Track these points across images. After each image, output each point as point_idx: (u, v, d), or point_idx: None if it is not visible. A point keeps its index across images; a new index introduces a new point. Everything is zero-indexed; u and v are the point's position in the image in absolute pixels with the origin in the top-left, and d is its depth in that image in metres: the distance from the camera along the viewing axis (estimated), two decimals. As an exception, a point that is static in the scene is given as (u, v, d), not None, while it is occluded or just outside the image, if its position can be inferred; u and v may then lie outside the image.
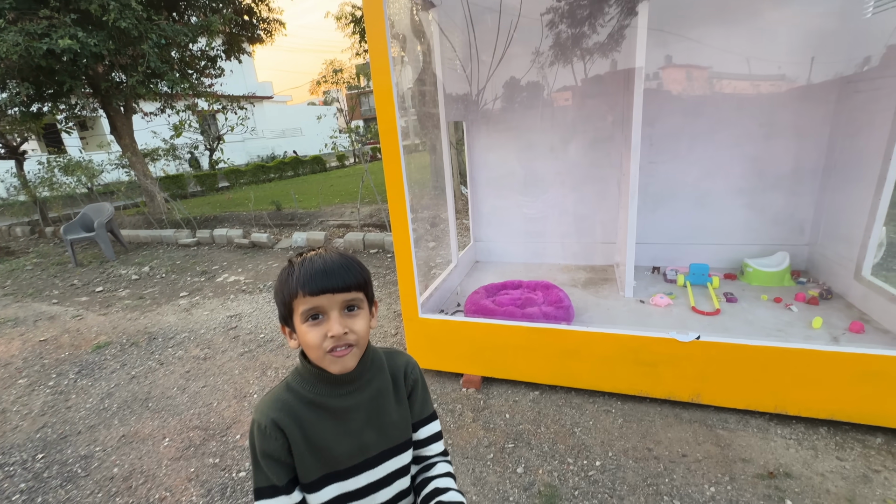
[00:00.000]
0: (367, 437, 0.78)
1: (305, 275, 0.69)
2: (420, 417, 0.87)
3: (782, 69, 2.74)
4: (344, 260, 0.72)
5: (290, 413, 0.73)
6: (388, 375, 0.82)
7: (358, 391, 0.77)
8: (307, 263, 0.70)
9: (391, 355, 0.86)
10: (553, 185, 3.46)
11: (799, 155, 2.82)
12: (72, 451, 2.18)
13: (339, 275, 0.70)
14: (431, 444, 0.88)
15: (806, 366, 1.82)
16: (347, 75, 15.76)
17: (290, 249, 5.72)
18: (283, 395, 0.75)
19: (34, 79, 6.40)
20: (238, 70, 12.31)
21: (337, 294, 0.69)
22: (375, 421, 0.78)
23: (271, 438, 0.71)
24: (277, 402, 0.74)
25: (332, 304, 0.70)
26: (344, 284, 0.70)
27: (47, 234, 8.12)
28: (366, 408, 0.78)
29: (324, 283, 0.68)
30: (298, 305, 0.70)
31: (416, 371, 0.87)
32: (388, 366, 0.83)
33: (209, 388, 2.64)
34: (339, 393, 0.76)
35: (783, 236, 2.97)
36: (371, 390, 0.79)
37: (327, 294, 0.69)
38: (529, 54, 3.20)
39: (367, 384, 0.78)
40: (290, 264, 0.73)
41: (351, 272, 0.71)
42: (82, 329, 3.71)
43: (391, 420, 0.81)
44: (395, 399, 0.82)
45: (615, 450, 1.87)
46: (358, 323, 0.72)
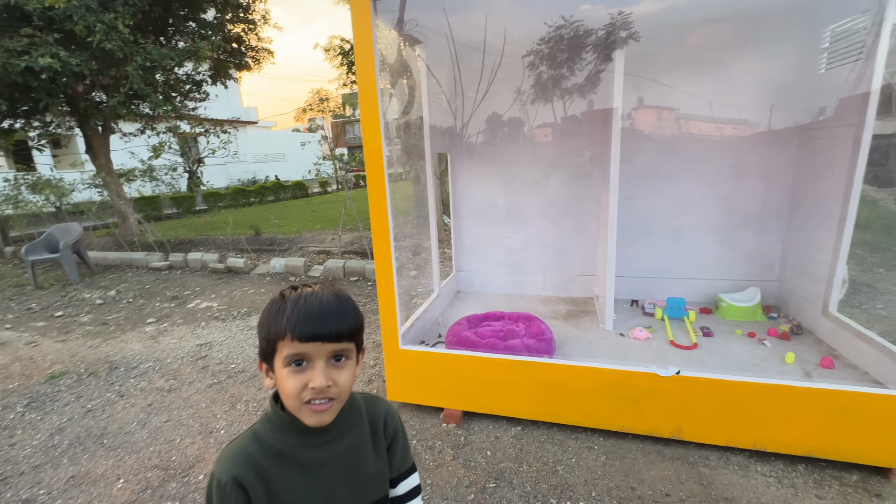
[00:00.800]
0: (340, 494, 0.71)
1: (298, 317, 0.63)
2: (400, 471, 0.81)
3: (748, 115, 2.92)
4: (340, 304, 0.66)
5: (254, 468, 0.66)
6: (367, 424, 0.76)
7: (333, 442, 0.71)
8: (301, 303, 0.64)
9: (370, 401, 0.80)
10: (534, 217, 3.52)
11: (766, 195, 2.97)
12: (12, 494, 1.98)
13: (334, 321, 0.64)
14: (411, 499, 0.82)
15: (781, 401, 1.84)
16: (333, 104, 16.02)
17: (266, 275, 5.58)
18: (249, 447, 0.68)
19: (8, 94, 6.24)
20: (223, 95, 12.36)
21: (327, 343, 0.64)
22: (350, 476, 0.72)
23: (231, 498, 0.64)
24: (241, 454, 0.67)
25: (319, 353, 0.64)
26: (336, 332, 0.64)
27: (6, 253, 7.71)
28: (341, 461, 0.71)
29: (316, 328, 0.63)
30: (283, 348, 0.64)
31: (396, 420, 0.81)
32: (367, 413, 0.77)
33: (172, 423, 2.47)
34: (312, 444, 0.69)
35: (754, 272, 3.08)
36: (348, 441, 0.72)
37: (317, 342, 0.63)
38: (512, 92, 3.33)
39: (344, 435, 0.72)
40: (283, 298, 0.67)
41: (346, 319, 0.66)
42: (36, 357, 3.47)
43: (368, 475, 0.74)
44: (374, 451, 0.76)
45: (598, 489, 1.83)
46: (343, 375, 0.66)
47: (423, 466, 2.02)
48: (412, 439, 2.21)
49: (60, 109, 6.94)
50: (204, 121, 10.03)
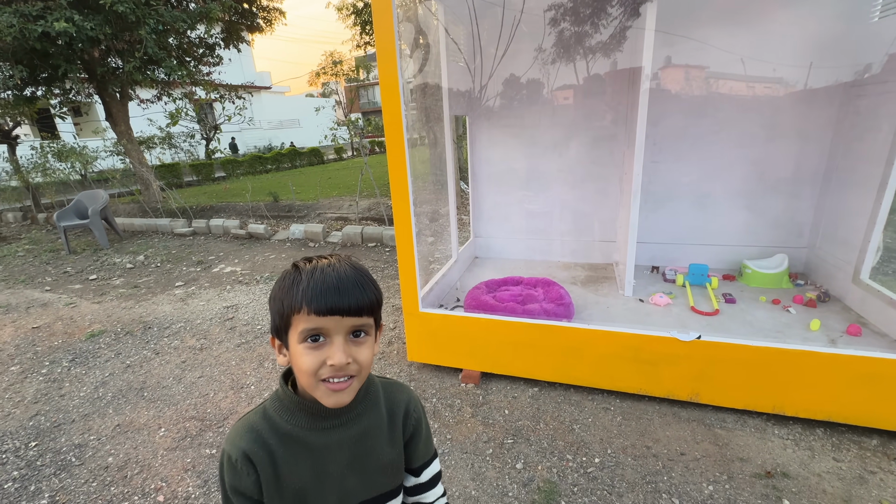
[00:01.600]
0: (349, 482, 0.68)
1: (314, 289, 0.59)
2: (423, 460, 0.77)
3: (787, 72, 2.74)
4: (359, 276, 0.62)
5: (263, 445, 0.64)
6: (384, 412, 0.72)
7: (343, 427, 0.67)
8: (318, 274, 0.60)
9: (390, 388, 0.75)
10: (554, 182, 3.45)
11: (800, 158, 2.83)
12: (65, 439, 2.16)
13: (353, 295, 0.60)
14: (433, 487, 0.79)
15: (804, 367, 1.83)
16: (347, 67, 15.65)
17: (286, 241, 5.69)
18: (258, 424, 0.66)
19: (28, 62, 6.29)
20: (236, 59, 12.18)
21: (346, 318, 0.60)
22: (360, 464, 0.68)
23: (242, 474, 0.63)
24: (251, 431, 0.65)
25: (338, 328, 0.60)
26: (356, 306, 0.60)
27: (40, 220, 8.01)
28: (350, 447, 0.67)
29: (335, 302, 0.58)
30: (298, 322, 0.60)
31: (419, 410, 0.76)
32: (385, 399, 0.73)
33: (205, 379, 2.62)
34: (321, 427, 0.66)
35: (782, 239, 2.99)
36: (359, 428, 0.68)
37: (336, 316, 0.59)
38: (532, 51, 3.18)
39: (356, 420, 0.68)
40: (297, 270, 0.62)
41: (366, 292, 0.61)
42: (76, 317, 3.67)
43: (378, 464, 0.70)
44: (389, 440, 0.71)
45: (614, 447, 1.88)
46: (363, 352, 0.62)
47: (442, 423, 2.10)
48: (432, 398, 2.30)
49: (79, 76, 6.98)
50: (219, 86, 9.96)
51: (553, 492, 1.68)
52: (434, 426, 2.08)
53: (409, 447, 0.75)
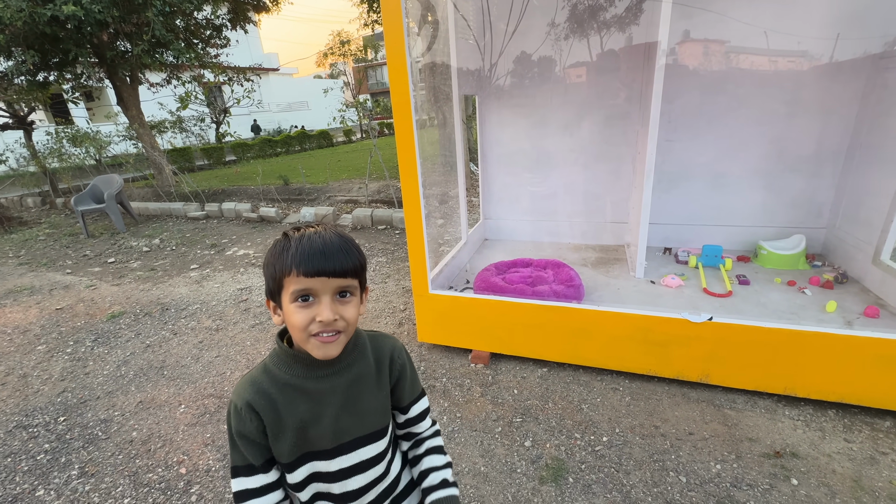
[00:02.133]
0: (343, 422, 0.75)
1: (302, 253, 0.65)
2: (411, 398, 0.86)
3: (811, 44, 2.62)
4: (343, 242, 0.69)
5: (264, 395, 0.72)
6: (371, 360, 0.79)
7: (336, 375, 0.75)
8: (305, 241, 0.67)
9: (376, 339, 0.83)
10: (565, 162, 3.40)
11: (822, 135, 2.73)
12: (92, 414, 2.25)
13: (338, 258, 0.67)
14: (421, 420, 0.87)
15: (818, 349, 1.81)
16: (355, 47, 15.41)
17: (298, 224, 5.73)
18: (259, 377, 0.74)
19: (39, 46, 6.32)
20: (244, 41, 12.08)
21: (332, 279, 0.66)
22: (352, 407, 0.76)
23: (246, 420, 0.71)
24: (253, 384, 0.73)
25: (325, 288, 0.66)
26: (341, 269, 0.67)
27: (58, 204, 8.18)
28: (342, 392, 0.75)
29: (320, 265, 0.65)
30: (289, 284, 0.67)
31: (402, 356, 0.84)
32: (372, 349, 0.81)
33: (222, 358, 2.69)
34: (316, 375, 0.74)
35: (800, 219, 2.91)
36: (350, 375, 0.76)
37: (322, 277, 0.66)
38: (544, 27, 3.09)
39: (346, 369, 0.76)
40: (286, 238, 0.69)
41: (349, 256, 0.68)
42: (96, 299, 3.78)
43: (369, 407, 0.78)
44: (376, 385, 0.80)
45: (622, 426, 1.90)
46: (349, 310, 0.69)
47: (452, 402, 2.14)
48: (443, 377, 2.33)
49: (89, 60, 7.00)
50: (227, 68, 9.91)
51: (561, 469, 1.71)
52: (444, 405, 2.13)
53: (397, 388, 0.84)
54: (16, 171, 9.36)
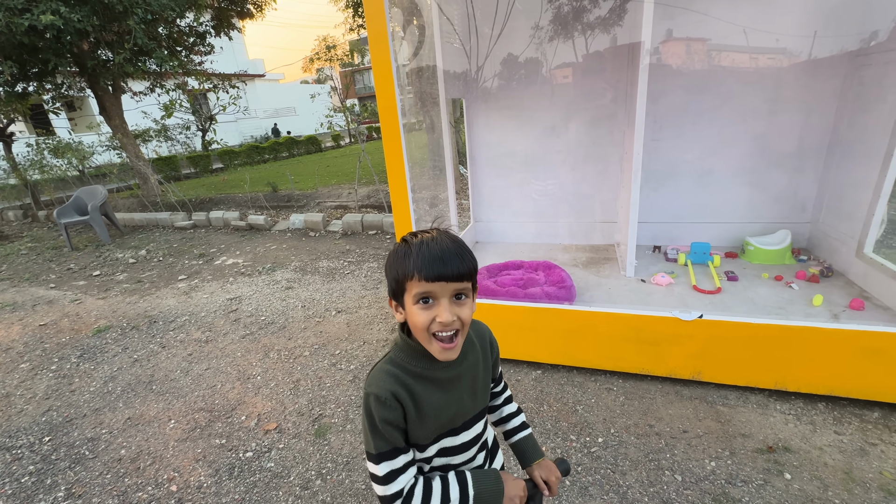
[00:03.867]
0: (467, 403, 0.85)
1: (423, 259, 0.71)
2: (499, 370, 0.97)
3: (790, 42, 2.67)
4: (458, 248, 0.74)
5: (404, 386, 0.78)
6: (478, 347, 0.88)
7: (458, 364, 0.83)
8: (425, 248, 0.72)
9: (475, 327, 0.91)
10: (554, 164, 3.41)
11: (804, 131, 2.78)
12: (78, 433, 2.20)
13: (455, 264, 0.72)
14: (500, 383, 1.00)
15: (806, 343, 1.83)
16: (341, 52, 15.36)
17: (287, 231, 5.68)
18: (394, 371, 0.80)
19: (17, 57, 6.19)
20: (228, 47, 11.96)
21: (450, 283, 0.72)
22: (473, 387, 0.86)
23: (392, 409, 0.76)
24: (391, 375, 0.79)
25: (443, 292, 0.72)
26: (458, 273, 0.72)
27: (40, 217, 8.01)
28: (467, 377, 0.84)
29: (440, 270, 0.70)
30: (412, 287, 0.73)
31: (494, 340, 0.95)
32: (476, 336, 0.89)
33: (212, 371, 2.65)
34: (442, 366, 0.81)
35: (785, 214, 2.96)
36: (468, 361, 0.85)
37: (441, 282, 0.71)
38: (529, 29, 3.11)
39: (464, 356, 0.84)
40: (406, 244, 0.75)
41: (465, 262, 0.73)
42: (82, 313, 3.70)
43: (483, 385, 0.89)
44: (484, 367, 0.89)
45: (617, 426, 1.90)
46: (465, 311, 0.75)
47: (447, 407, 2.13)
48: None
49: (69, 70, 6.88)
50: (211, 75, 9.81)
51: (557, 472, 1.70)
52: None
53: (495, 366, 0.95)
54: (-5, 184, 9.15)
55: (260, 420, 2.17)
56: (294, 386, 2.43)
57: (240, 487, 1.78)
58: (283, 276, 4.16)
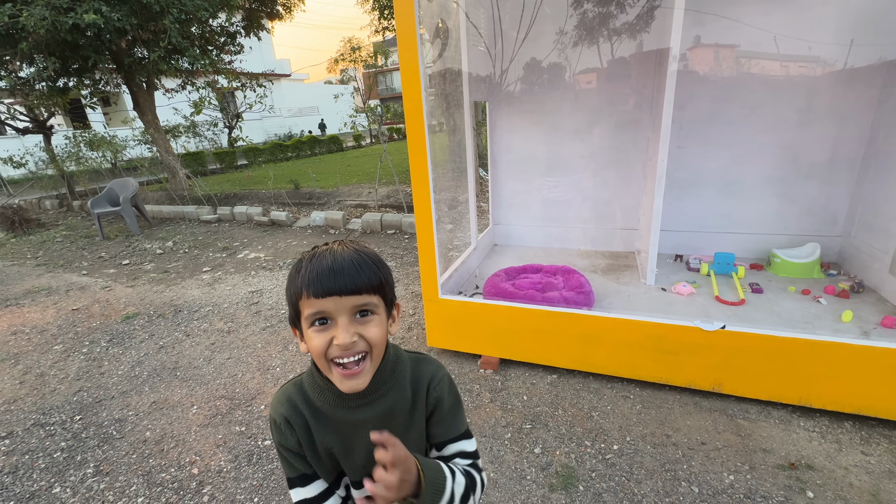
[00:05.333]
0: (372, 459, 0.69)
1: (311, 274, 0.62)
2: (445, 437, 0.76)
3: (825, 50, 2.60)
4: (357, 257, 0.64)
5: (298, 414, 0.71)
6: (408, 390, 0.73)
7: (368, 406, 0.70)
8: (315, 261, 0.63)
9: (417, 364, 0.76)
10: (576, 169, 3.40)
11: (837, 142, 2.70)
12: (106, 414, 2.29)
13: (349, 275, 0.62)
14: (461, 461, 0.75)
15: (834, 359, 1.78)
16: (365, 53, 15.58)
17: (308, 228, 5.79)
18: (294, 395, 0.72)
19: (60, 53, 6.49)
20: (256, 47, 12.28)
21: (345, 297, 0.61)
22: None
23: (285, 434, 0.71)
24: (289, 400, 0.72)
25: (339, 309, 0.62)
26: (353, 286, 0.62)
27: (75, 207, 8.36)
28: (375, 425, 0.68)
29: (330, 284, 0.61)
30: (304, 307, 0.63)
31: (441, 387, 0.75)
32: (412, 377, 0.74)
33: (234, 360, 2.72)
34: (347, 405, 0.70)
35: (815, 227, 2.88)
36: (383, 406, 0.71)
37: (333, 297, 0.61)
38: (554, 34, 3.11)
39: (380, 399, 0.70)
40: (301, 259, 0.66)
41: (363, 272, 0.63)
42: (111, 300, 3.85)
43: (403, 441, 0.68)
44: (410, 419, 0.73)
45: (633, 435, 1.89)
46: (370, 329, 0.64)
47: (462, 407, 2.14)
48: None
49: (107, 67, 7.17)
50: (240, 74, 10.08)
51: (571, 476, 1.70)
52: (453, 410, 2.12)
53: (430, 422, 0.76)
54: (35, 174, 9.59)
55: (278, 410, 2.23)
56: (312, 379, 2.48)
57: (258, 474, 1.83)
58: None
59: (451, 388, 0.78)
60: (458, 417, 0.78)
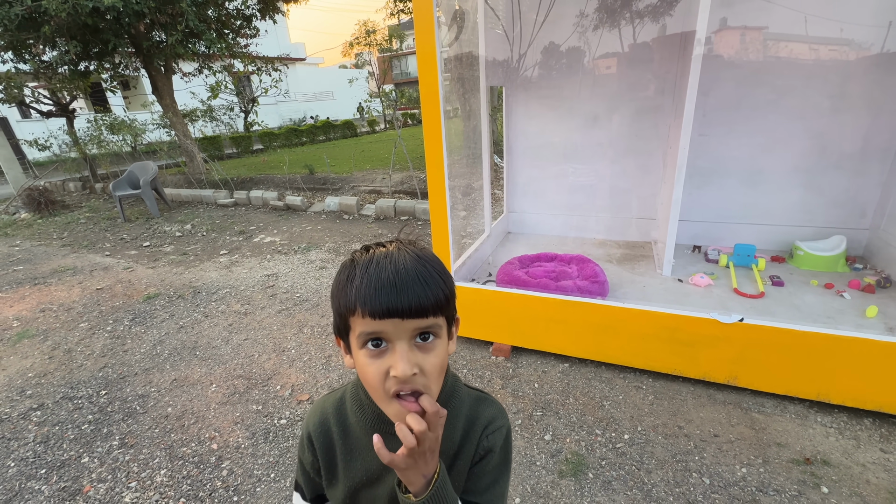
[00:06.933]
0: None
1: (368, 288, 0.50)
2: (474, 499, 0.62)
3: (860, 33, 2.47)
4: (422, 268, 0.52)
5: (325, 433, 0.64)
6: (458, 434, 0.62)
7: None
8: (373, 269, 0.51)
9: (477, 403, 0.65)
10: (593, 156, 3.33)
11: (870, 131, 2.59)
12: (130, 390, 2.38)
13: (414, 293, 0.50)
14: None
15: (856, 355, 1.74)
16: (380, 37, 15.41)
17: (322, 213, 5.83)
18: (329, 410, 0.65)
19: (81, 37, 6.58)
20: (272, 30, 12.23)
21: (407, 320, 0.50)
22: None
23: (306, 449, 0.66)
24: (321, 414, 0.65)
25: (399, 332, 0.51)
26: (419, 307, 0.50)
27: (97, 189, 8.56)
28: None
29: (391, 303, 0.50)
30: (356, 325, 0.52)
31: (497, 437, 0.63)
32: (466, 417, 0.63)
33: (250, 341, 2.79)
34: (386, 430, 0.57)
35: (841, 219, 2.78)
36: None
37: (394, 319, 0.50)
38: (574, 16, 3.02)
39: None
40: (352, 262, 0.54)
41: (429, 289, 0.51)
42: (133, 280, 3.96)
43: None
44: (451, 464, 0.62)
45: (644, 425, 1.88)
46: (430, 359, 0.53)
47: (473, 393, 2.16)
48: (463, 368, 2.36)
49: (127, 50, 7.25)
50: (256, 58, 10.09)
51: (581, 464, 1.71)
52: (464, 395, 2.15)
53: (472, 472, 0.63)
54: (59, 156, 9.83)
55: (294, 390, 2.28)
56: (326, 361, 2.52)
57: (274, 451, 1.89)
58: (317, 255, 4.29)
59: (507, 443, 0.65)
60: (500, 484, 0.64)
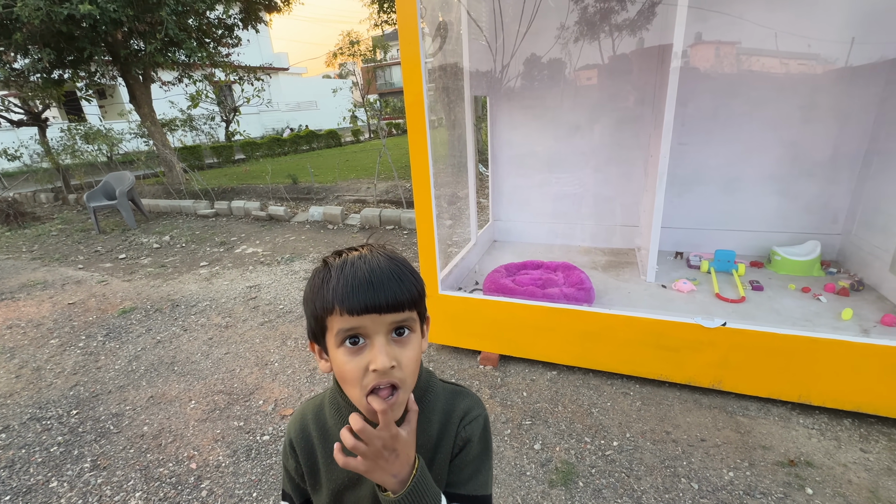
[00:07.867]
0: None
1: (345, 286, 0.53)
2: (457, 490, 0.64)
3: (827, 48, 2.59)
4: (395, 267, 0.56)
5: (306, 439, 0.65)
6: (435, 425, 0.64)
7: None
8: (348, 269, 0.54)
9: (452, 397, 0.67)
10: (576, 165, 3.38)
11: (839, 140, 2.70)
12: (104, 408, 2.27)
13: (390, 288, 0.54)
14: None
15: (833, 357, 1.78)
16: (364, 47, 15.48)
17: (306, 223, 5.76)
18: (309, 415, 0.67)
19: (55, 45, 6.41)
20: (254, 40, 12.19)
21: (385, 315, 0.53)
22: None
23: (289, 455, 0.67)
24: (301, 421, 0.66)
25: (377, 327, 0.54)
26: (395, 302, 0.54)
27: (70, 200, 8.29)
28: None
29: (369, 298, 0.52)
30: (333, 324, 0.54)
31: (474, 427, 0.65)
32: (442, 410, 0.65)
33: (231, 355, 2.71)
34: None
35: (815, 225, 2.88)
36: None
37: (372, 314, 0.53)
38: (556, 28, 3.08)
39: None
40: (326, 266, 0.57)
41: (404, 283, 0.55)
42: (108, 294, 3.82)
43: None
44: (431, 458, 0.64)
45: (633, 431, 1.89)
46: (407, 353, 0.56)
47: (461, 403, 2.14)
48: (451, 378, 2.33)
49: (103, 59, 7.09)
50: (237, 67, 10.00)
51: (571, 472, 1.70)
52: (453, 406, 2.12)
53: (452, 465, 0.65)
54: (29, 167, 9.50)
55: (277, 405, 2.22)
56: (310, 374, 2.47)
57: (256, 469, 1.82)
58: (301, 266, 4.22)
59: (485, 432, 0.67)
60: (483, 472, 0.66)
